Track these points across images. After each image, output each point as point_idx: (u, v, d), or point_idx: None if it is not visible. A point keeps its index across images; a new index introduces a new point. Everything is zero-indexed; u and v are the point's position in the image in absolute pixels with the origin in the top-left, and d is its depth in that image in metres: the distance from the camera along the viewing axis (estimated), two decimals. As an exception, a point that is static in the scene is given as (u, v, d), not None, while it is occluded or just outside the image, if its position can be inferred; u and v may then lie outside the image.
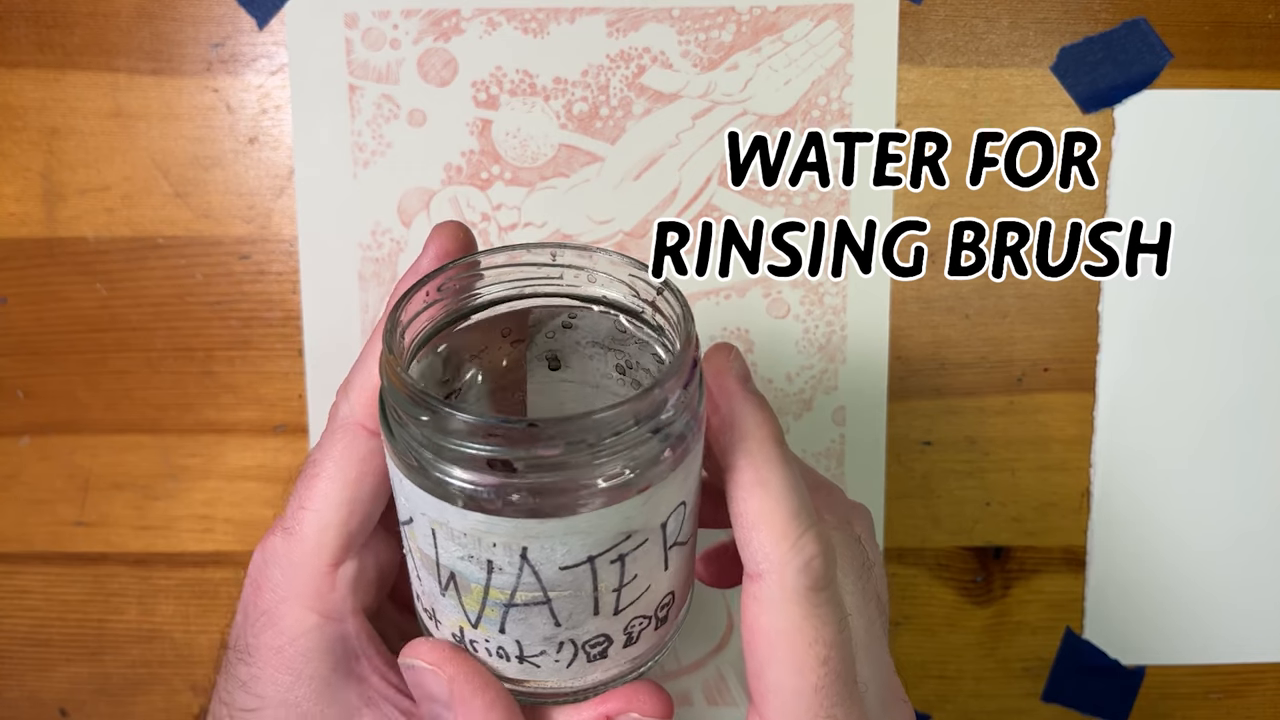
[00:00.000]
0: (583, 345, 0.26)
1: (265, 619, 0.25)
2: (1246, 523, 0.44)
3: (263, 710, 0.25)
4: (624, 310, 0.25)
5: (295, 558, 0.25)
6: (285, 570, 0.25)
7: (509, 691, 0.23)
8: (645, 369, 0.25)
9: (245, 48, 0.41)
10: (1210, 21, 0.42)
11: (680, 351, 0.22)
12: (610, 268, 0.24)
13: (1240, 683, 0.46)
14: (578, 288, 0.25)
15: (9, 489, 0.44)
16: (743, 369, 0.25)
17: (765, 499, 0.22)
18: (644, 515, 0.21)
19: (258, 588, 0.26)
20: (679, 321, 0.23)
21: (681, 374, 0.21)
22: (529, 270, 0.24)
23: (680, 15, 0.41)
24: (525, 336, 0.26)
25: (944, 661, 0.45)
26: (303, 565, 0.25)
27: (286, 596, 0.25)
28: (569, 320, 0.25)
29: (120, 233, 0.42)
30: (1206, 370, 0.43)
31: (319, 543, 0.25)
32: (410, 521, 0.23)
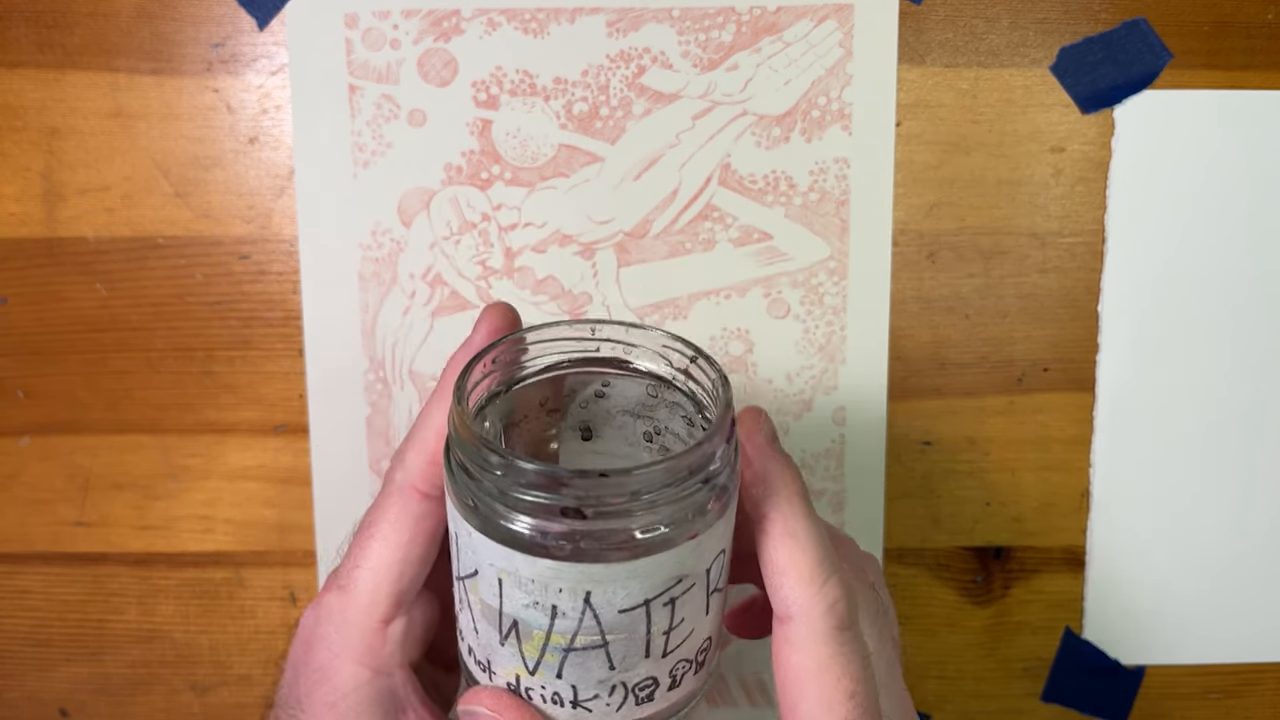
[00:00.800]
0: (614, 414, 0.28)
1: (319, 675, 0.27)
2: (1246, 523, 0.44)
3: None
4: (656, 378, 0.27)
5: (350, 615, 0.26)
6: (340, 627, 0.27)
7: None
8: (674, 433, 0.27)
9: (245, 48, 0.41)
10: (1210, 22, 0.42)
11: (722, 412, 0.24)
12: (645, 340, 0.26)
13: (1239, 683, 0.46)
14: (613, 357, 0.27)
15: (9, 489, 0.44)
16: (771, 430, 0.27)
17: (794, 548, 0.24)
18: (693, 560, 0.23)
19: (309, 646, 0.27)
20: (715, 386, 0.25)
21: (723, 431, 0.23)
22: (569, 344, 0.26)
23: (680, 15, 0.41)
24: (560, 406, 0.28)
25: (944, 661, 0.45)
26: (357, 623, 0.26)
27: (340, 653, 0.26)
28: (601, 390, 0.27)
29: (120, 233, 0.42)
30: (1206, 370, 0.43)
31: (373, 600, 0.26)
32: (475, 574, 0.24)
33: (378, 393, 0.43)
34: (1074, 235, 0.43)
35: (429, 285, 0.42)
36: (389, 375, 0.43)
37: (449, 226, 0.42)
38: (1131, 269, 0.43)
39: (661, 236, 0.42)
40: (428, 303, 0.43)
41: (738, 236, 0.42)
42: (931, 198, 0.42)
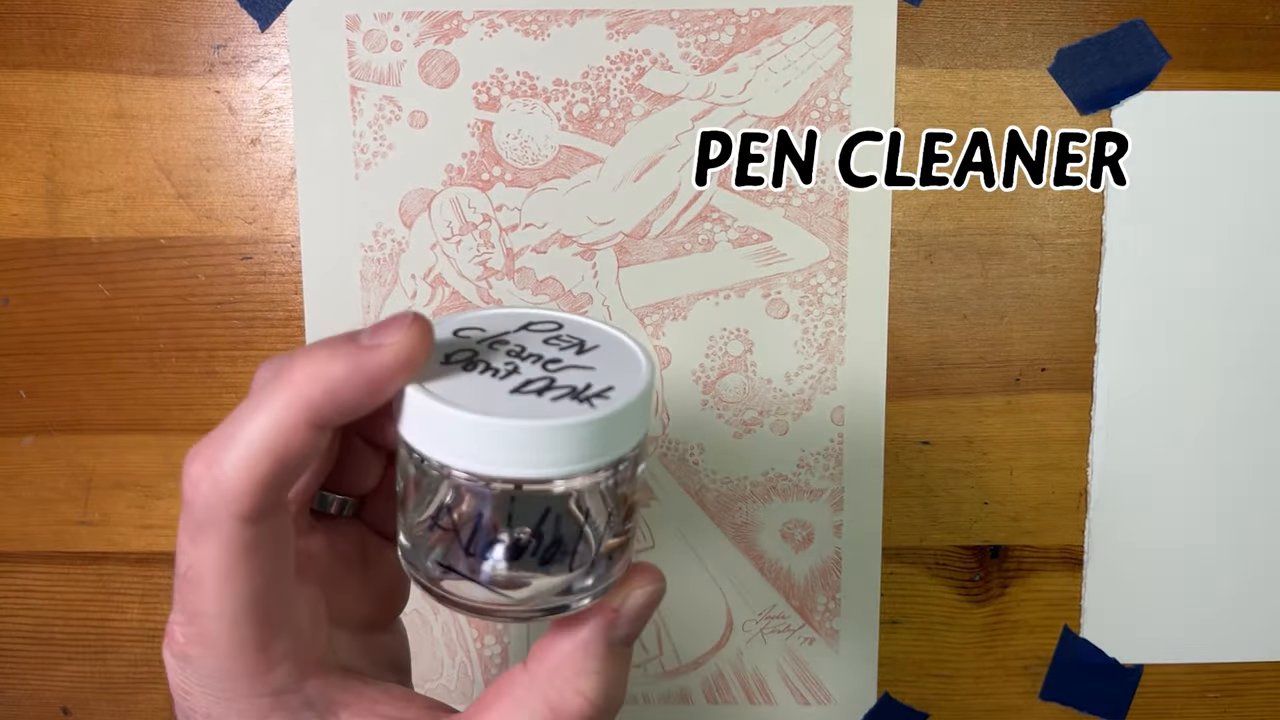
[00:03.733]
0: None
1: (219, 716, 0.23)
2: (1243, 522, 0.44)
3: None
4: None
5: (216, 665, 0.22)
6: (212, 677, 0.23)
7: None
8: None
9: (247, 49, 0.42)
10: (1207, 23, 0.42)
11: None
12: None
13: (1237, 681, 0.46)
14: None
15: (12, 488, 0.44)
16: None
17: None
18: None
19: (188, 694, 0.23)
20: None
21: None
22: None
23: (680, 17, 0.41)
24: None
25: (942, 660, 0.45)
26: (230, 671, 0.23)
27: (229, 698, 0.23)
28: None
29: (123, 233, 0.43)
30: (1203, 370, 0.44)
31: (236, 647, 0.22)
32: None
33: (379, 393, 0.43)
34: (1072, 236, 0.43)
35: (430, 286, 0.43)
36: (390, 375, 0.43)
37: (450, 227, 0.42)
38: (1129, 269, 0.43)
39: (661, 237, 0.42)
40: (429, 303, 0.43)
41: (737, 237, 0.42)
42: (930, 199, 0.42)
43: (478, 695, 0.45)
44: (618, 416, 0.22)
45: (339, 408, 0.22)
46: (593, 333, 0.25)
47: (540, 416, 0.21)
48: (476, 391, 0.22)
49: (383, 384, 0.22)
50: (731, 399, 0.43)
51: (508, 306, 0.26)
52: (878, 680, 0.45)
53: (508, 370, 0.23)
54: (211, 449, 0.21)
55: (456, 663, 0.45)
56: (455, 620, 0.45)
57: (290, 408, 0.21)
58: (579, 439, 0.21)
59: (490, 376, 0.23)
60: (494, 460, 0.21)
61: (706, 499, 0.44)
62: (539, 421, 0.21)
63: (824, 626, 0.45)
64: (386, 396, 0.22)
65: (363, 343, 0.22)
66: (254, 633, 0.22)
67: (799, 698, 0.45)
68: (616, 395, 0.22)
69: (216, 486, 0.21)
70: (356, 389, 0.21)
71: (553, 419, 0.21)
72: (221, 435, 0.21)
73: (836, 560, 0.44)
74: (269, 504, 0.22)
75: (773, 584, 0.44)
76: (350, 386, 0.21)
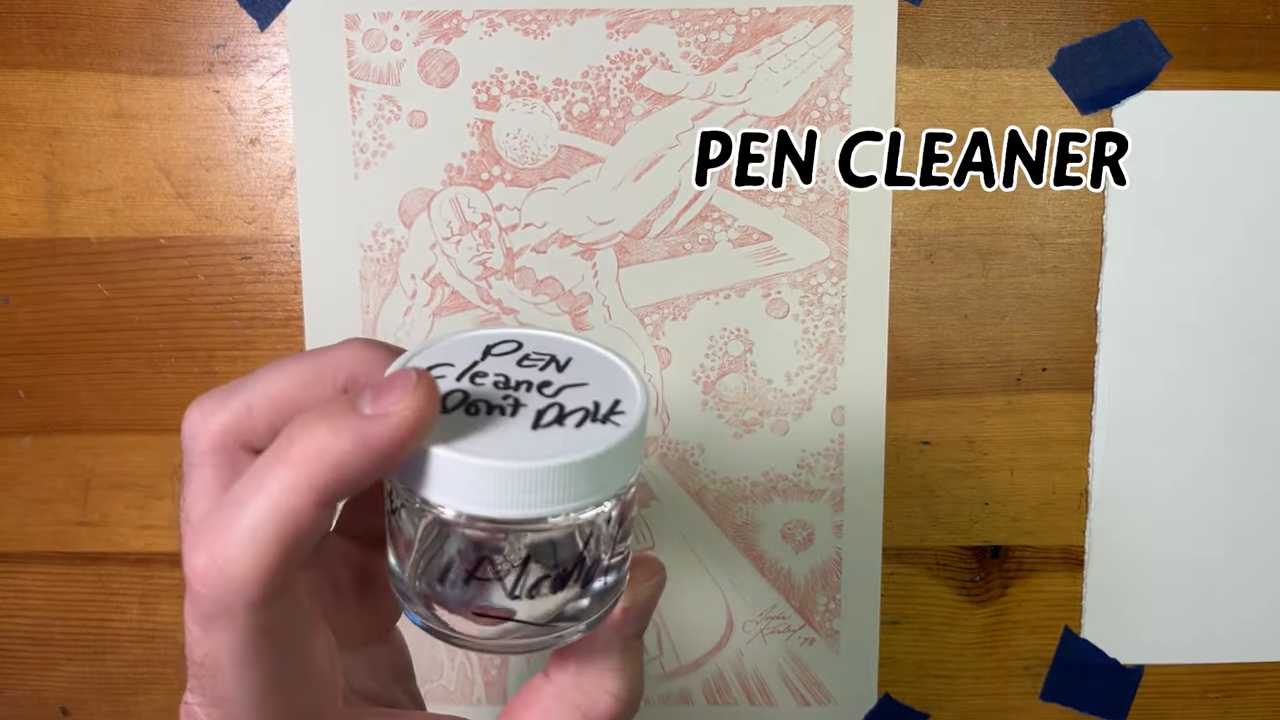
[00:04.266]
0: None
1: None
2: (1244, 522, 0.44)
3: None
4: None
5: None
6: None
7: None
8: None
9: (247, 49, 0.41)
10: (1208, 23, 0.42)
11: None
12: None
13: (1238, 682, 0.46)
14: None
15: (11, 489, 0.44)
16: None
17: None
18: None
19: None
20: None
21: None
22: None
23: (680, 17, 0.41)
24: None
25: (943, 660, 0.45)
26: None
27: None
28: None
29: (122, 233, 0.43)
30: (1204, 370, 0.43)
31: (261, 715, 0.22)
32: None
33: (378, 393, 0.43)
34: (1072, 236, 0.43)
35: (430, 285, 0.43)
36: (390, 375, 0.43)
37: (450, 227, 0.42)
38: (1130, 269, 0.43)
39: (661, 237, 0.42)
40: (429, 303, 0.43)
41: (737, 237, 0.42)
42: (930, 198, 0.42)
43: (477, 695, 0.45)
44: (633, 435, 0.21)
45: (346, 485, 0.20)
46: (554, 345, 0.24)
47: (584, 447, 0.20)
48: (497, 436, 0.21)
49: (392, 456, 0.20)
50: (731, 399, 0.43)
51: (451, 332, 0.24)
52: (878, 681, 0.45)
53: (513, 405, 0.22)
54: (213, 539, 0.20)
55: (455, 664, 0.45)
56: (455, 621, 0.45)
57: (294, 490, 0.20)
58: (625, 455, 0.21)
59: (499, 416, 0.21)
60: (537, 502, 0.20)
61: (706, 499, 0.44)
62: (591, 451, 0.20)
63: (824, 627, 0.45)
64: (396, 465, 0.21)
65: (365, 413, 0.20)
66: (278, 702, 0.22)
67: (799, 698, 0.45)
68: (629, 410, 0.22)
69: (225, 578, 0.20)
70: (363, 464, 0.20)
71: (597, 446, 0.20)
72: (222, 522, 0.20)
73: (837, 560, 0.44)
74: (281, 586, 0.21)
75: (773, 584, 0.44)
76: (356, 462, 0.20)
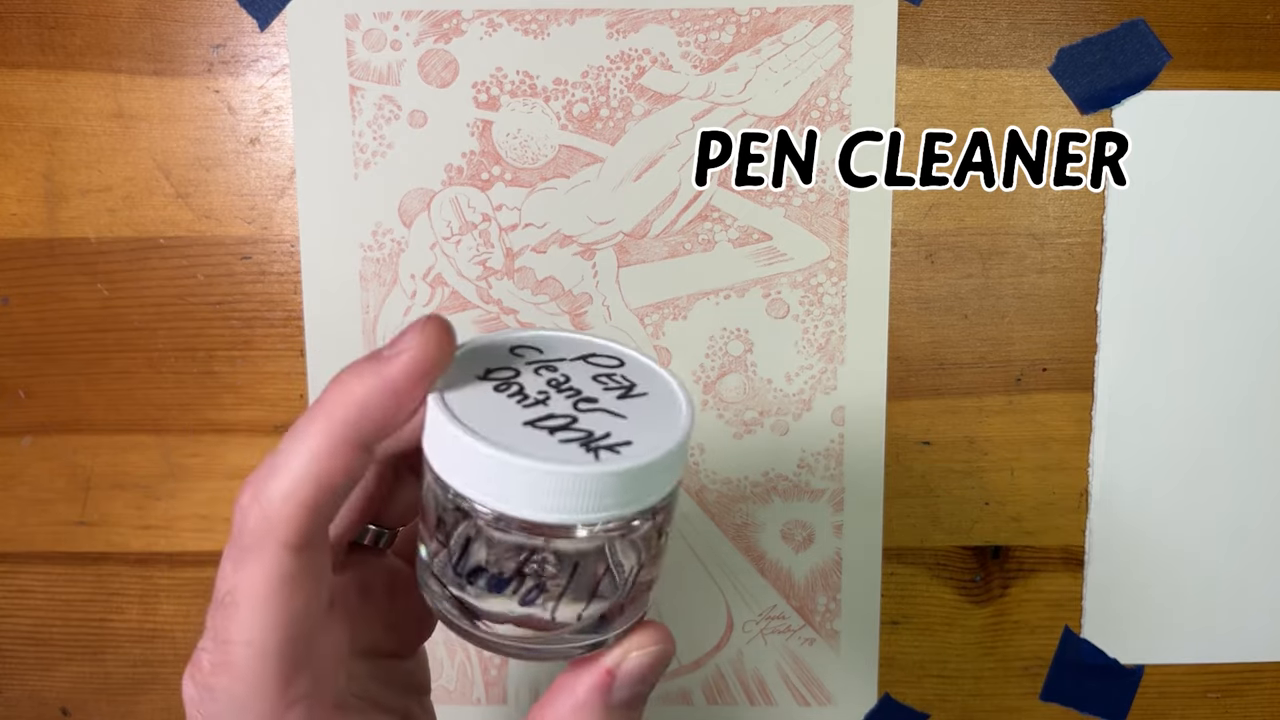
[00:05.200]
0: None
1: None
2: (1245, 522, 0.44)
3: None
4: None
5: (239, 693, 0.22)
6: (231, 708, 0.22)
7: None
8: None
9: (246, 49, 0.41)
10: (1209, 23, 0.42)
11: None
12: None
13: (1238, 681, 0.46)
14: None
15: (11, 489, 0.44)
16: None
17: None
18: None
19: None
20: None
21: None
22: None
23: (680, 17, 0.41)
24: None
25: (943, 660, 0.45)
26: (250, 704, 0.22)
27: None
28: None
29: (122, 233, 0.43)
30: (1204, 369, 0.43)
31: (260, 679, 0.22)
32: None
33: (378, 393, 0.43)
34: (1072, 236, 0.43)
35: (430, 286, 0.43)
36: (390, 375, 0.43)
37: (450, 227, 0.42)
38: (1130, 269, 0.43)
39: (661, 237, 0.42)
40: (429, 303, 0.43)
41: (737, 237, 0.42)
42: (930, 198, 0.42)
43: (477, 695, 0.45)
44: (624, 474, 0.21)
45: (373, 424, 0.22)
46: (648, 377, 0.24)
47: (529, 455, 0.20)
48: (493, 414, 0.22)
49: (405, 392, 0.22)
50: (732, 399, 0.43)
51: (586, 334, 0.25)
52: (878, 681, 0.45)
53: (537, 399, 0.22)
54: (259, 479, 0.22)
55: (456, 663, 0.45)
56: (455, 621, 0.45)
57: (326, 433, 0.22)
58: (564, 488, 0.20)
59: (516, 402, 0.22)
60: (491, 493, 0.21)
61: (706, 499, 0.44)
62: (517, 459, 0.20)
63: (824, 627, 0.45)
64: (413, 404, 0.22)
65: (384, 355, 0.22)
66: (278, 666, 0.22)
67: (799, 698, 0.45)
68: (631, 452, 0.21)
69: (264, 514, 0.22)
70: (384, 402, 0.22)
71: (534, 459, 0.20)
72: (267, 465, 0.22)
73: (837, 561, 0.44)
74: (313, 531, 0.22)
75: (773, 584, 0.44)
76: (378, 400, 0.22)
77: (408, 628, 0.28)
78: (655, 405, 0.23)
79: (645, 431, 0.22)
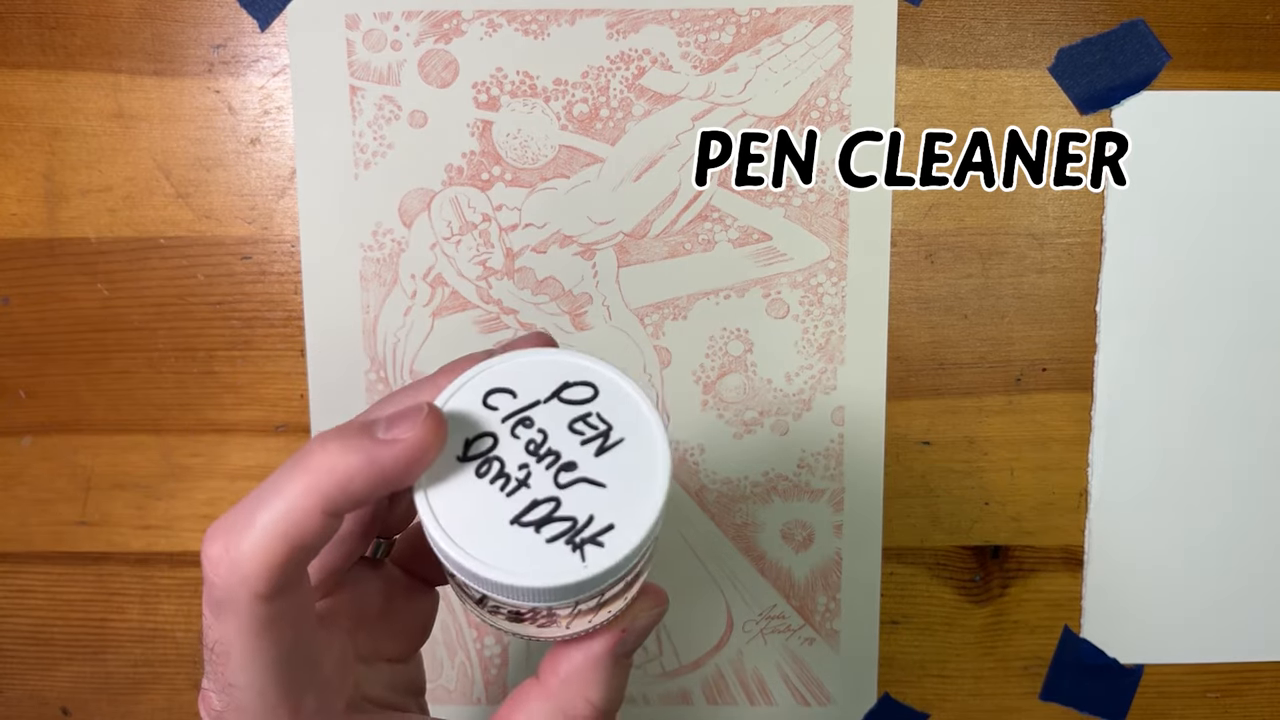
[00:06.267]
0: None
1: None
2: (1244, 522, 0.44)
3: None
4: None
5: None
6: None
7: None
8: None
9: (247, 49, 0.41)
10: (1208, 23, 0.42)
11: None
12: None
13: (1238, 681, 0.46)
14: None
15: (11, 489, 0.44)
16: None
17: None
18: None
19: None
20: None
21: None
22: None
23: (680, 17, 0.41)
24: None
25: (943, 660, 0.45)
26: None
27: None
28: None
29: (122, 233, 0.43)
30: (1204, 370, 0.44)
31: (264, 710, 0.23)
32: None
33: (379, 393, 0.43)
34: (1072, 236, 0.43)
35: (430, 285, 0.43)
36: (390, 375, 0.43)
37: (450, 227, 0.42)
38: (1129, 269, 0.43)
39: (661, 237, 0.42)
40: (429, 303, 0.43)
41: (737, 237, 0.42)
42: (930, 199, 0.42)
43: (477, 695, 0.45)
44: (607, 572, 0.22)
45: (351, 498, 0.22)
46: (624, 409, 0.25)
47: (526, 565, 0.22)
48: (479, 512, 0.23)
49: (394, 480, 0.22)
50: (731, 399, 0.43)
51: (545, 352, 0.25)
52: (878, 680, 0.45)
53: (518, 481, 0.23)
54: (228, 531, 0.22)
55: (456, 663, 0.45)
56: (455, 621, 0.45)
57: (304, 496, 0.22)
58: (564, 591, 0.22)
59: (499, 488, 0.23)
60: (488, 589, 0.23)
61: (706, 499, 0.44)
62: (519, 581, 0.22)
63: (824, 627, 0.45)
64: (398, 489, 0.23)
65: (377, 436, 0.22)
66: (283, 697, 0.23)
67: (799, 698, 0.45)
68: (613, 540, 0.23)
69: (234, 568, 0.22)
70: (369, 481, 0.22)
71: (532, 578, 0.22)
72: (238, 516, 0.22)
73: (837, 560, 0.44)
74: (284, 584, 0.22)
75: (773, 584, 0.44)
76: (363, 479, 0.22)
77: (409, 634, 0.29)
78: (633, 456, 0.24)
79: (626, 504, 0.23)
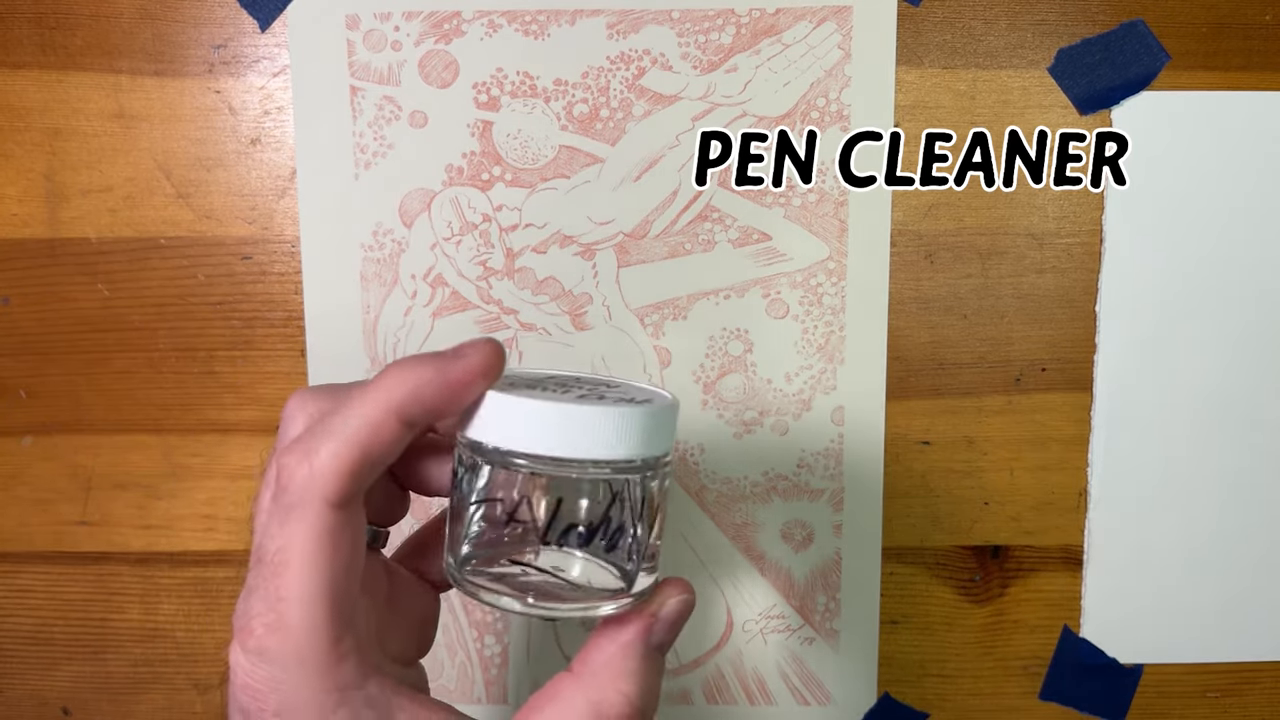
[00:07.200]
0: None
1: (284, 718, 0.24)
2: (1244, 522, 0.44)
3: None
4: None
5: (291, 651, 0.23)
6: (285, 667, 0.24)
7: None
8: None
9: (247, 49, 0.42)
10: (1208, 23, 0.42)
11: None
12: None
13: (1237, 681, 0.46)
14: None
15: (12, 489, 0.44)
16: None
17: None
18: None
19: (256, 694, 0.24)
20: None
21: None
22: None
23: (680, 17, 0.41)
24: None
25: (942, 660, 0.45)
26: (304, 659, 0.24)
27: (297, 689, 0.24)
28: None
29: (123, 233, 0.43)
30: (1203, 370, 0.44)
31: (311, 634, 0.24)
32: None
33: (379, 393, 0.43)
34: (1071, 236, 0.43)
35: (430, 286, 0.43)
36: (390, 375, 0.43)
37: (450, 227, 0.42)
38: (1129, 269, 0.43)
39: (661, 237, 0.42)
40: (429, 303, 0.43)
41: (737, 237, 0.42)
42: (930, 199, 0.42)
43: (477, 695, 0.45)
44: (664, 410, 0.26)
45: (424, 407, 0.24)
46: (637, 391, 0.28)
47: (606, 406, 0.25)
48: (547, 396, 0.26)
49: (464, 387, 0.25)
50: (731, 399, 0.43)
51: (558, 369, 0.31)
52: (878, 680, 0.45)
53: (568, 386, 0.27)
54: (309, 441, 0.24)
55: (456, 663, 0.45)
56: (455, 621, 0.45)
57: (380, 405, 0.24)
58: (644, 424, 0.25)
59: (554, 391, 0.26)
60: (578, 444, 0.25)
61: (706, 499, 0.44)
62: (610, 407, 0.25)
63: (824, 626, 0.45)
64: (467, 400, 0.25)
65: (445, 355, 0.25)
66: (330, 620, 0.24)
67: (799, 698, 0.45)
68: (658, 400, 0.27)
69: (311, 471, 0.24)
70: (440, 391, 0.25)
71: (619, 405, 0.25)
72: (317, 430, 0.24)
73: (836, 560, 0.44)
74: (353, 493, 0.24)
75: (773, 584, 0.44)
76: (435, 388, 0.24)
77: (411, 629, 0.30)
78: (650, 396, 0.28)
79: (654, 400, 0.27)
